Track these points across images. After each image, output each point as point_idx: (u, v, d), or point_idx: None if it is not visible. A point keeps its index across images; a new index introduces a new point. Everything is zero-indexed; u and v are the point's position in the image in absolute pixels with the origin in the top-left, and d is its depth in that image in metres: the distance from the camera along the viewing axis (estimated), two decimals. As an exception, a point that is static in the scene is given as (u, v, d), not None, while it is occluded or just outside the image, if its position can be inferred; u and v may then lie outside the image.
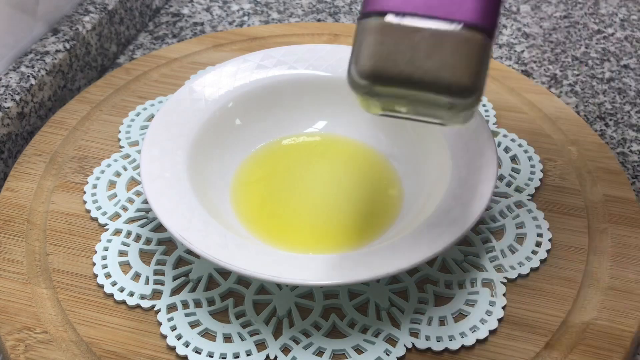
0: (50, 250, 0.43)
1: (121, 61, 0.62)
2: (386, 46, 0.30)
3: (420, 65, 0.30)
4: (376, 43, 0.30)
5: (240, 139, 0.48)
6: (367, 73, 0.30)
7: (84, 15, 0.59)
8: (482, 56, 0.30)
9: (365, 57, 0.30)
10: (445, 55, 0.30)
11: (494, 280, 0.42)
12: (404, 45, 0.30)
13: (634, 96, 0.57)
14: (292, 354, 0.38)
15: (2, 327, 0.40)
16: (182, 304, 0.40)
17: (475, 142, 0.43)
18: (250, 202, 0.46)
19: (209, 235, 0.39)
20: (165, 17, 0.66)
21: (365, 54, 0.30)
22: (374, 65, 0.30)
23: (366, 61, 0.30)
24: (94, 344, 0.39)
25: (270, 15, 0.66)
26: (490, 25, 0.30)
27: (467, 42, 0.30)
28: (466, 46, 0.30)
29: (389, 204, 0.46)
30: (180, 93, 0.47)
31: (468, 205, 0.40)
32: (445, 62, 0.30)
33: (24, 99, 0.51)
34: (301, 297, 0.41)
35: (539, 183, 0.47)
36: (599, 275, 0.42)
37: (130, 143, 0.50)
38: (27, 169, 0.48)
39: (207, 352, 0.38)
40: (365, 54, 0.30)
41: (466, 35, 0.30)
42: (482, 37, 0.30)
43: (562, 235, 0.44)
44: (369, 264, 0.38)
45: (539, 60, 0.61)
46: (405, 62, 0.30)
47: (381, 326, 0.39)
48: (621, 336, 0.39)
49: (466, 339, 0.39)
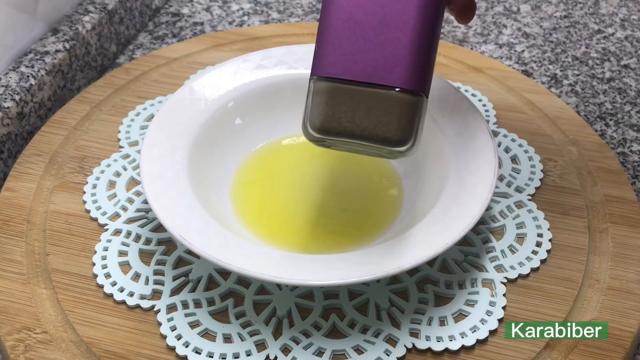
0: (50, 250, 0.43)
1: (121, 61, 0.62)
2: (331, 106, 0.36)
3: (360, 123, 0.36)
4: (323, 103, 0.36)
5: (240, 139, 0.48)
6: (316, 128, 0.37)
7: (84, 15, 0.59)
8: (412, 113, 0.36)
9: (315, 115, 0.37)
10: (380, 114, 0.36)
11: (494, 281, 0.42)
12: (346, 106, 0.36)
13: (634, 96, 0.57)
14: (292, 354, 0.38)
15: (2, 327, 0.40)
16: (182, 304, 0.40)
17: (475, 142, 0.43)
18: (250, 202, 0.46)
19: (209, 235, 0.39)
20: (165, 17, 0.66)
21: (314, 112, 0.37)
22: (321, 122, 0.36)
23: (315, 119, 0.37)
24: (94, 344, 0.39)
25: (270, 15, 0.66)
26: (419, 86, 0.36)
27: (397, 103, 0.36)
28: (396, 106, 0.36)
29: (389, 204, 0.46)
30: (180, 93, 0.47)
31: (468, 205, 0.40)
32: (379, 120, 0.36)
33: (24, 98, 0.51)
34: (301, 297, 0.41)
35: (539, 183, 0.47)
36: (599, 275, 0.42)
37: (130, 143, 0.50)
38: (26, 169, 0.48)
39: (207, 352, 0.38)
40: (314, 112, 0.37)
41: (396, 97, 0.36)
42: (411, 97, 0.36)
43: (562, 235, 0.44)
44: (369, 264, 0.38)
45: (539, 60, 0.61)
46: (348, 120, 0.36)
47: (381, 326, 0.39)
48: (621, 336, 0.39)
49: (466, 339, 0.39)
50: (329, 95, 0.36)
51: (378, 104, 0.36)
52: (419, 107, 0.36)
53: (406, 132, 0.36)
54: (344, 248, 0.42)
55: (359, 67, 0.36)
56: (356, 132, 0.36)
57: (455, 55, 0.58)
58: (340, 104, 0.36)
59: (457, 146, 0.44)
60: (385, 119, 0.36)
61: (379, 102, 0.36)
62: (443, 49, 0.58)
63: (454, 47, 0.59)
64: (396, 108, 0.36)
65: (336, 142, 0.37)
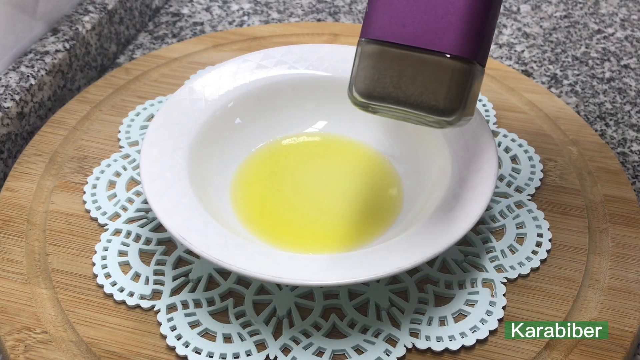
0: (50, 250, 0.43)
1: (121, 61, 0.62)
2: (377, 70, 0.35)
3: (406, 89, 0.35)
4: (369, 67, 0.35)
5: (240, 139, 0.48)
6: (361, 92, 0.35)
7: (84, 15, 0.59)
8: (462, 81, 0.34)
9: (360, 78, 0.35)
10: (427, 81, 0.34)
11: (494, 281, 0.42)
12: (393, 71, 0.35)
13: (634, 96, 0.57)
14: (292, 354, 0.38)
15: (2, 327, 0.40)
16: (182, 304, 0.40)
17: (475, 142, 0.43)
18: (250, 202, 0.46)
19: (209, 235, 0.39)
20: (165, 17, 0.66)
21: (360, 75, 0.35)
22: (366, 86, 0.35)
23: (360, 83, 0.35)
24: (94, 344, 0.39)
25: (270, 15, 0.66)
26: (471, 53, 0.34)
27: (446, 70, 0.34)
28: (445, 73, 0.34)
29: (389, 204, 0.46)
30: (180, 93, 0.47)
31: (468, 205, 0.40)
32: (426, 87, 0.34)
33: (24, 98, 0.51)
34: (301, 297, 0.41)
35: (539, 183, 0.47)
36: (599, 275, 0.42)
37: (130, 143, 0.50)
38: (26, 169, 0.48)
39: (207, 352, 0.38)
40: (360, 75, 0.35)
41: (445, 63, 0.34)
42: (462, 64, 0.34)
43: (562, 235, 0.44)
44: (369, 264, 0.38)
45: (539, 60, 0.61)
46: (394, 86, 0.35)
47: (381, 326, 0.39)
48: (621, 336, 0.39)
49: (466, 339, 0.39)
50: (375, 59, 0.35)
51: (426, 70, 0.34)
52: (470, 75, 0.34)
53: (454, 101, 0.34)
54: (344, 248, 0.42)
55: (408, 30, 0.34)
56: (401, 98, 0.35)
57: (455, 55, 0.57)
58: (387, 69, 0.35)
59: (457, 146, 0.44)
60: (432, 87, 0.34)
61: (427, 68, 0.34)
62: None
63: (454, 47, 0.59)
64: (445, 75, 0.34)
65: (381, 108, 0.36)
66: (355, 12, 0.67)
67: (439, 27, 0.34)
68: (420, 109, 0.34)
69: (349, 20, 0.66)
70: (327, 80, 0.49)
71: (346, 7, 0.67)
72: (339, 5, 0.67)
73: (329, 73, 0.49)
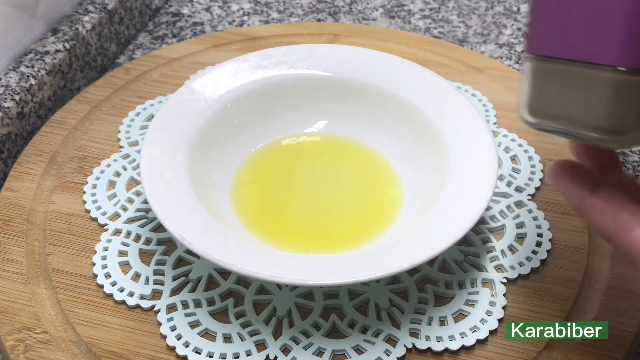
0: (50, 250, 0.43)
1: (121, 61, 0.62)
2: (540, 88, 0.33)
3: (567, 107, 0.32)
4: (533, 85, 0.33)
5: (240, 139, 0.48)
6: (526, 110, 0.33)
7: (84, 15, 0.59)
8: (627, 96, 0.30)
9: (525, 96, 0.33)
10: (589, 97, 0.31)
11: (494, 281, 0.42)
12: (554, 88, 0.32)
13: (634, 96, 0.57)
14: (292, 354, 0.38)
15: (2, 327, 0.40)
16: (182, 304, 0.40)
17: (475, 142, 0.43)
18: (250, 202, 0.46)
19: (209, 235, 0.39)
20: (165, 17, 0.66)
21: (524, 93, 0.34)
22: (530, 104, 0.33)
23: (524, 100, 0.33)
24: (94, 344, 0.39)
25: (270, 15, 0.66)
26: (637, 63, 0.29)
27: (607, 84, 0.30)
28: (606, 88, 0.30)
29: (389, 204, 0.46)
30: (180, 93, 0.47)
31: (468, 205, 0.40)
32: (589, 105, 0.31)
33: (24, 98, 0.51)
34: (301, 297, 0.41)
35: (539, 183, 0.47)
36: (599, 275, 0.42)
37: (130, 143, 0.50)
38: (26, 169, 0.48)
39: (207, 352, 0.38)
40: (524, 93, 0.34)
41: (606, 77, 0.30)
42: (629, 77, 0.29)
43: (562, 235, 0.44)
44: (369, 264, 0.38)
45: (539, 60, 0.61)
46: (555, 104, 0.32)
47: (381, 326, 0.39)
48: (621, 336, 0.39)
49: (466, 339, 0.39)
50: (539, 76, 0.33)
51: (587, 86, 0.30)
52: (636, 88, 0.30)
53: (621, 119, 0.30)
54: (344, 248, 0.42)
55: (569, 43, 0.31)
56: (562, 117, 0.32)
57: (455, 55, 0.58)
58: (548, 86, 0.32)
59: (457, 146, 0.44)
60: (595, 104, 0.30)
61: (588, 83, 0.30)
62: (443, 49, 0.58)
63: (454, 47, 0.59)
64: (605, 91, 0.30)
65: (547, 127, 0.33)
66: (355, 12, 0.67)
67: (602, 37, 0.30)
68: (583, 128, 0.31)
69: (349, 20, 0.66)
70: (327, 80, 0.49)
71: (346, 7, 0.67)
72: (339, 5, 0.67)
73: (329, 73, 0.49)
